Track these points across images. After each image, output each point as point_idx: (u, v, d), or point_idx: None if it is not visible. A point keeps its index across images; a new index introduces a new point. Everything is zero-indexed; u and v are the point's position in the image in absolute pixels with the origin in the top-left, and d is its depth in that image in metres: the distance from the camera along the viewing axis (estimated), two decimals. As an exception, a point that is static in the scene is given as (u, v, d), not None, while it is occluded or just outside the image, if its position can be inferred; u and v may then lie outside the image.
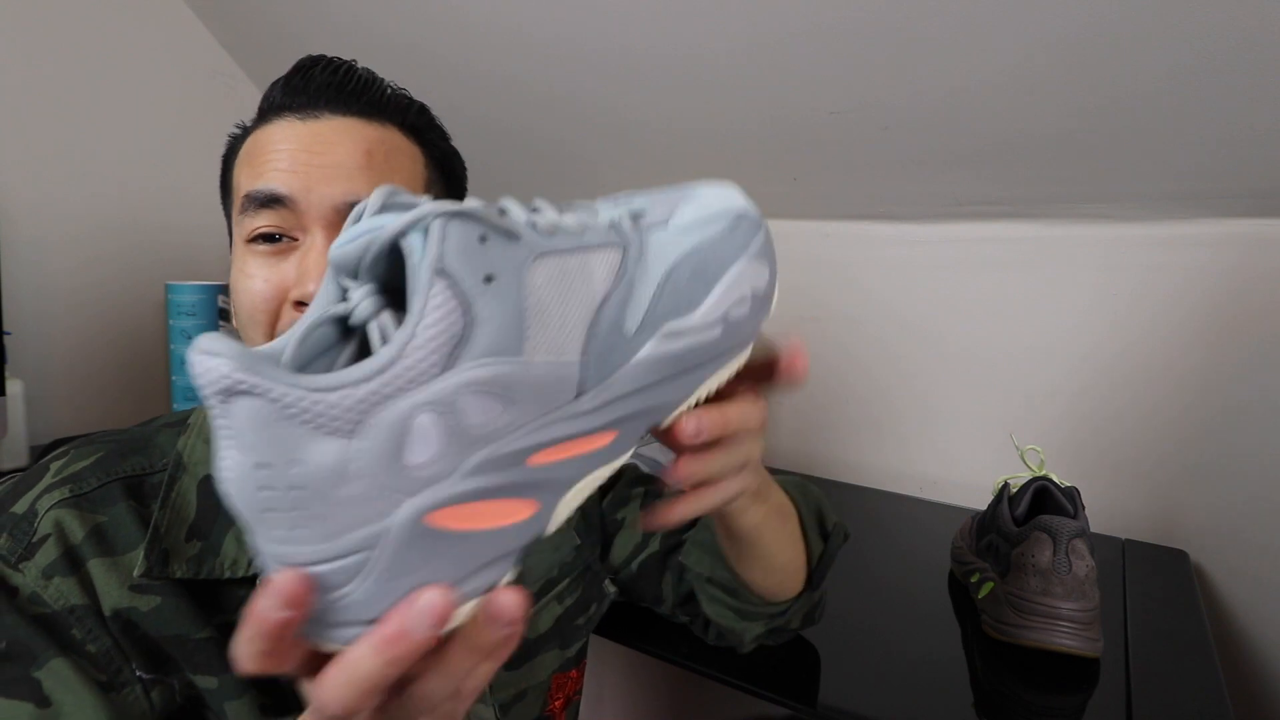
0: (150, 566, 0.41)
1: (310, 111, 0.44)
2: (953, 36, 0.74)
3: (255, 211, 0.42)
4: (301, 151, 0.42)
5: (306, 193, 0.42)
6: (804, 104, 0.89)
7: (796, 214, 1.09)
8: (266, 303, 0.42)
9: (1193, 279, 0.86)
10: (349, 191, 0.42)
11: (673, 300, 0.30)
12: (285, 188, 0.42)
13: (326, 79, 0.44)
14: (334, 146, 0.43)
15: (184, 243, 1.21)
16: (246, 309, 0.43)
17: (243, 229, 0.43)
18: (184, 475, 0.45)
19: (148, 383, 1.17)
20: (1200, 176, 0.80)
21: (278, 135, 0.43)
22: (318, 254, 0.41)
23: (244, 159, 0.45)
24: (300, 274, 0.41)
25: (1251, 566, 0.85)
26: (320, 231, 0.42)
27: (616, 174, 1.16)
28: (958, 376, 1.01)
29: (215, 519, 0.44)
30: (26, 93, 1.01)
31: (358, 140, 0.43)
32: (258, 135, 0.45)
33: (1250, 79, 0.68)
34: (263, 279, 0.42)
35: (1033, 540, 0.61)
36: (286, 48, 1.18)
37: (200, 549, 0.43)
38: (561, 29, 0.92)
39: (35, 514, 0.41)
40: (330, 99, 0.44)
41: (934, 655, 0.62)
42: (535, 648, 0.53)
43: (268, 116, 0.45)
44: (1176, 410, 0.88)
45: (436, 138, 0.49)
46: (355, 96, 0.45)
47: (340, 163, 0.42)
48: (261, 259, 0.43)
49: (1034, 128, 0.81)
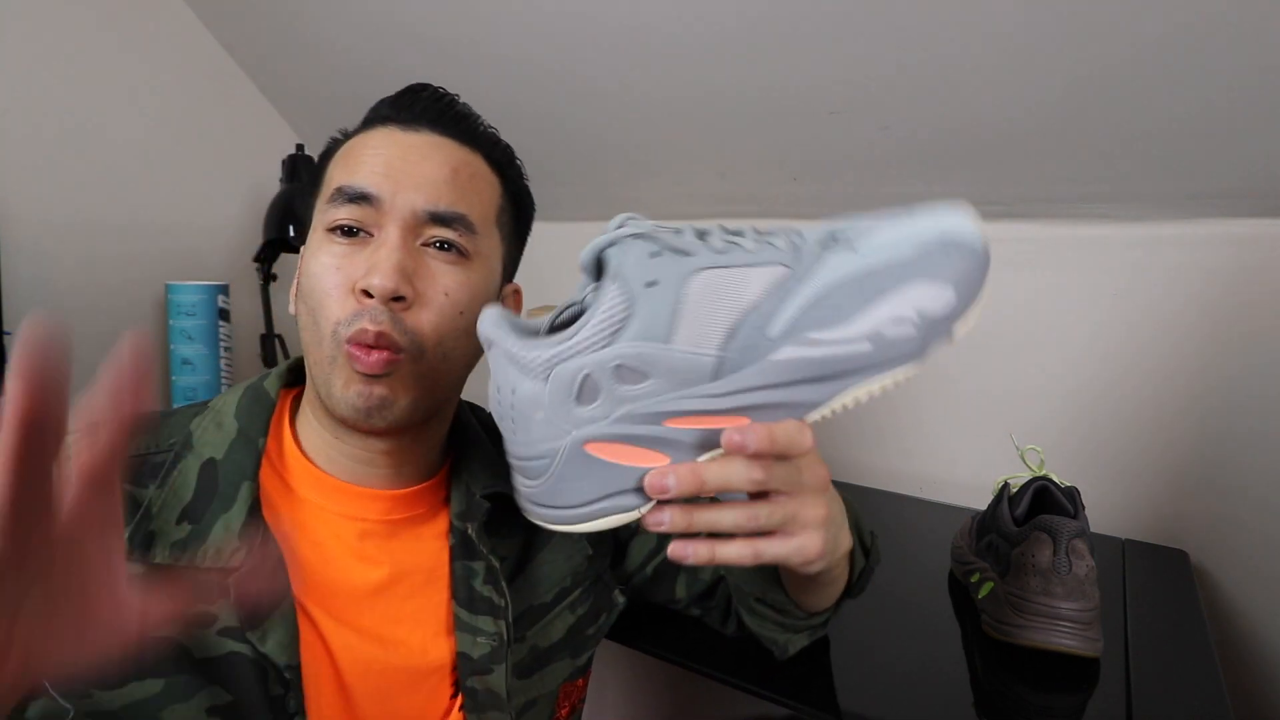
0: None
1: (411, 125, 0.47)
2: (952, 36, 0.74)
3: (342, 204, 0.45)
4: (396, 159, 0.46)
5: (393, 195, 0.45)
6: (804, 104, 0.89)
7: (796, 214, 1.09)
8: (335, 288, 0.44)
9: (1192, 279, 0.86)
10: (430, 200, 0.45)
11: (823, 313, 0.34)
12: (375, 188, 0.45)
13: (431, 102, 0.48)
14: (426, 159, 0.46)
15: (184, 243, 1.21)
16: (317, 291, 0.45)
17: (325, 217, 0.46)
18: (189, 455, 0.46)
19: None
20: (1199, 176, 0.80)
21: (376, 140, 0.47)
22: (389, 250, 0.44)
23: (341, 157, 0.48)
24: (370, 267, 0.44)
25: (1251, 566, 0.85)
26: (396, 231, 0.44)
27: (618, 173, 1.16)
28: (957, 375, 1.01)
29: (210, 503, 0.44)
30: (27, 93, 1.01)
31: (447, 157, 0.47)
32: (358, 139, 0.48)
33: (1251, 79, 0.68)
34: (335, 267, 0.45)
35: (1033, 540, 0.61)
36: (287, 48, 1.19)
37: (189, 533, 0.43)
38: (559, 26, 0.92)
39: None
40: (432, 118, 0.48)
41: (934, 655, 0.62)
42: (547, 656, 0.53)
43: (372, 124, 0.48)
44: (1177, 410, 0.88)
45: (515, 174, 0.53)
46: (454, 123, 0.48)
47: (428, 175, 0.46)
48: (338, 248, 0.45)
49: (1034, 127, 0.81)
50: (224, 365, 1.11)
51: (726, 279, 0.34)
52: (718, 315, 0.34)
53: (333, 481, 0.48)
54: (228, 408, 0.48)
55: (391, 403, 0.44)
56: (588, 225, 1.29)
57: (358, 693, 0.46)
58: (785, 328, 0.34)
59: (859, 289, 0.34)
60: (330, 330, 0.44)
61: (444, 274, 0.45)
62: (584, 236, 1.24)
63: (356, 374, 0.43)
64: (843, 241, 0.35)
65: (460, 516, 0.50)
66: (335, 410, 0.44)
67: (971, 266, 0.34)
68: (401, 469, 0.50)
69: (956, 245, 0.34)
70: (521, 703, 0.50)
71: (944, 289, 0.34)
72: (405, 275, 0.43)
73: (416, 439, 0.50)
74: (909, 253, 0.34)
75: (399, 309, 0.44)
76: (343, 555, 0.47)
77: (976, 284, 0.35)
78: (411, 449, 0.50)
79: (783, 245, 0.35)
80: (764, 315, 0.34)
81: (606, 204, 1.24)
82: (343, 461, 0.48)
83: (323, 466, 0.48)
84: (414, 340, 0.44)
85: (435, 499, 0.52)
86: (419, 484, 0.51)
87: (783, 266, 0.35)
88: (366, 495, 0.49)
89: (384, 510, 0.49)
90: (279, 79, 1.27)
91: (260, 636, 0.41)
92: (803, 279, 0.34)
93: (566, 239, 1.31)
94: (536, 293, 1.31)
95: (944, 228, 0.35)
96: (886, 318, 0.34)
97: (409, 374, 0.45)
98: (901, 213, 0.36)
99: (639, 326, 0.34)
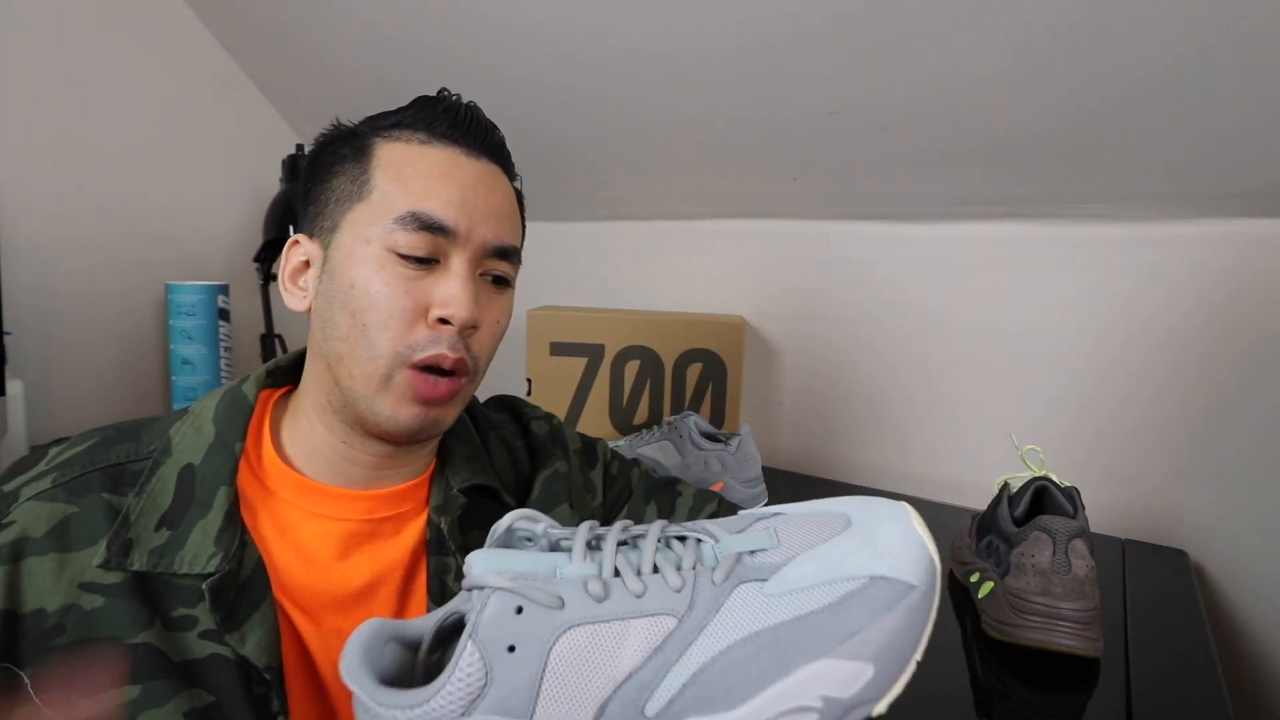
0: (110, 556, 0.42)
1: (474, 151, 0.48)
2: (952, 36, 0.74)
3: (415, 230, 0.45)
4: (470, 189, 0.47)
5: (470, 230, 0.46)
6: (804, 104, 0.89)
7: (796, 214, 1.09)
8: (406, 313, 0.45)
9: (1192, 279, 0.86)
10: (497, 236, 0.47)
11: (709, 691, 0.27)
12: (453, 222, 0.45)
13: (484, 129, 0.49)
14: (494, 192, 0.48)
15: (184, 243, 1.21)
16: (383, 313, 0.44)
17: (391, 238, 0.45)
18: (167, 461, 0.46)
19: (148, 383, 1.17)
20: (1199, 176, 0.80)
21: (445, 163, 0.47)
22: (464, 282, 0.45)
23: (397, 168, 0.46)
24: (446, 296, 0.45)
25: (1251, 566, 0.85)
26: (467, 263, 0.46)
27: (617, 173, 1.16)
28: (957, 376, 1.01)
29: (188, 509, 0.44)
30: (27, 93, 1.01)
31: (505, 191, 0.50)
32: (416, 151, 0.47)
33: (1249, 78, 0.68)
34: (404, 291, 0.45)
35: (1033, 540, 0.61)
36: (287, 49, 1.19)
37: (167, 539, 0.43)
38: (562, 27, 0.92)
39: (16, 498, 0.43)
40: (487, 145, 0.49)
41: (934, 655, 0.62)
42: None
43: (427, 138, 0.47)
44: (1176, 410, 0.88)
45: (520, 189, 0.54)
46: (498, 150, 0.50)
47: (497, 209, 0.48)
48: (408, 271, 0.45)
49: (1034, 127, 0.81)
50: (224, 365, 1.11)
51: (600, 637, 0.28)
52: (587, 689, 0.28)
53: (311, 484, 0.48)
54: (206, 412, 0.48)
55: (442, 421, 0.47)
56: (588, 225, 1.29)
57: (340, 694, 0.46)
58: (661, 709, 0.28)
59: (753, 660, 0.27)
60: (393, 351, 0.44)
61: (497, 303, 0.49)
62: (584, 236, 1.24)
63: (415, 399, 0.45)
64: (760, 564, 0.29)
65: (437, 510, 0.50)
66: (377, 426, 0.45)
67: (903, 623, 0.28)
68: (400, 470, 0.50)
69: (884, 588, 0.27)
70: None
71: (859, 664, 0.27)
72: (479, 306, 0.46)
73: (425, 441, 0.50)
74: (826, 600, 0.28)
75: (469, 336, 0.46)
76: (324, 558, 0.47)
77: (908, 644, 0.28)
78: (417, 450, 0.51)
79: (675, 582, 0.29)
80: (640, 687, 0.28)
81: (607, 204, 1.24)
82: (339, 464, 0.48)
83: (302, 470, 0.48)
84: (476, 364, 0.48)
85: (418, 497, 0.52)
86: (406, 483, 0.51)
87: (670, 617, 0.28)
88: (347, 496, 0.48)
89: (367, 510, 0.49)
90: (279, 79, 1.27)
91: (239, 639, 0.42)
92: (691, 636, 0.28)
93: (567, 238, 1.32)
94: (536, 292, 1.31)
95: (873, 564, 0.28)
96: (782, 708, 0.27)
97: (462, 396, 0.48)
98: (836, 520, 0.30)
99: (499, 698, 0.28)
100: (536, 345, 1.07)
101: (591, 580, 0.29)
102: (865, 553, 0.28)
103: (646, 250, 1.24)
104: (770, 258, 1.12)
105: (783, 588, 0.28)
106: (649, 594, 0.29)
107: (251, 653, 0.42)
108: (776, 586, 0.28)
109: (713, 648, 0.28)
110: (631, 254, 1.26)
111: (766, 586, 0.29)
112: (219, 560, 0.43)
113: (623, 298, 1.27)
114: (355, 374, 0.45)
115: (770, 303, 1.13)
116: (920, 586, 0.27)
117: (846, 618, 0.27)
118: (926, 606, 0.27)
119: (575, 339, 1.05)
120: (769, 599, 0.28)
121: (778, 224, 1.11)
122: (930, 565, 0.28)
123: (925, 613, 0.27)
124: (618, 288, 1.27)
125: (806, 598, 0.28)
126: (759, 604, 0.28)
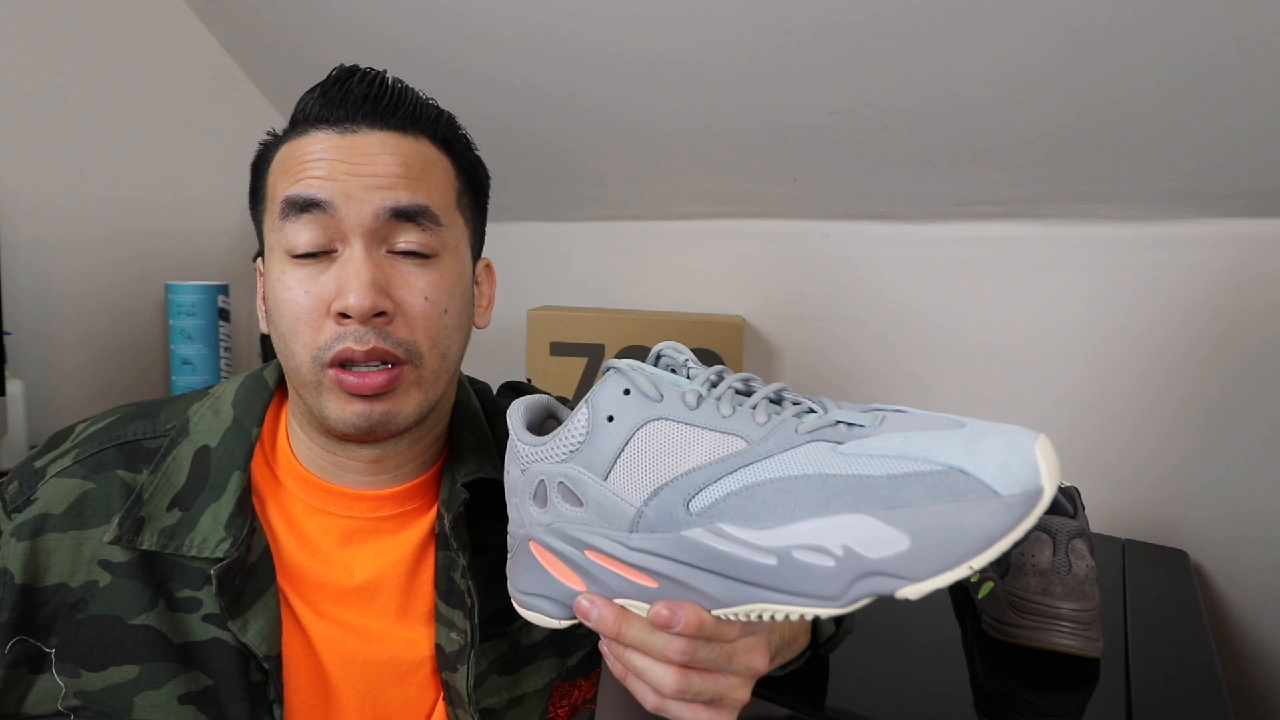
0: (121, 534, 0.42)
1: (348, 125, 0.44)
2: (953, 37, 0.74)
3: (295, 216, 0.42)
4: (340, 162, 0.43)
5: (346, 200, 0.42)
6: (804, 104, 0.89)
7: (796, 214, 1.09)
8: (309, 313, 0.42)
9: (1193, 279, 0.86)
10: (392, 198, 0.43)
11: (746, 506, 0.31)
12: (325, 194, 0.42)
13: (363, 91, 0.45)
14: (372, 159, 0.43)
15: (184, 243, 1.21)
16: (289, 320, 0.43)
17: (283, 238, 0.43)
18: (184, 441, 0.46)
19: (148, 383, 1.17)
20: (1200, 176, 0.80)
21: (315, 146, 0.43)
22: (357, 265, 0.41)
23: (279, 167, 0.45)
24: (340, 286, 0.42)
25: (1251, 566, 0.85)
26: (359, 241, 0.42)
27: (618, 173, 1.16)
28: (957, 376, 1.01)
29: (201, 491, 0.44)
30: (27, 93, 1.02)
31: (394, 153, 0.44)
32: (293, 145, 0.45)
33: (1250, 79, 0.68)
34: (303, 291, 0.42)
35: (1033, 540, 0.61)
36: (287, 49, 1.19)
37: (178, 520, 0.43)
38: (561, 29, 0.92)
39: (43, 474, 0.44)
40: (367, 112, 0.44)
41: (934, 655, 0.62)
42: (531, 653, 0.52)
43: (303, 128, 0.45)
44: (1176, 410, 0.88)
45: (463, 148, 0.49)
46: (391, 110, 0.45)
47: (378, 173, 0.43)
48: (303, 271, 0.43)
49: (1033, 128, 0.81)
50: (224, 365, 1.11)
51: (676, 436, 0.33)
52: (651, 470, 0.33)
53: (316, 480, 0.48)
54: (227, 395, 0.48)
55: (395, 415, 0.44)
56: (588, 225, 1.29)
57: (341, 686, 0.46)
58: (704, 507, 0.32)
59: (797, 493, 0.29)
60: (309, 356, 0.42)
61: (418, 278, 0.44)
62: (585, 236, 1.24)
63: (352, 395, 0.42)
64: (840, 435, 0.30)
65: (445, 505, 0.49)
66: (335, 429, 0.44)
67: (965, 519, 0.25)
68: (397, 472, 0.49)
69: (961, 483, 0.26)
70: (506, 699, 0.50)
71: (896, 534, 0.26)
72: (380, 289, 0.42)
73: (413, 441, 0.49)
74: (892, 471, 0.27)
75: (381, 324, 0.42)
76: (329, 551, 0.47)
77: (964, 541, 0.25)
78: (407, 451, 0.49)
79: (761, 418, 0.32)
80: (692, 485, 0.32)
81: (608, 204, 1.24)
82: (333, 471, 0.48)
83: (309, 468, 0.48)
84: (410, 349, 0.43)
85: (430, 492, 0.51)
86: (410, 481, 0.50)
87: (742, 440, 0.32)
88: (350, 495, 0.48)
89: (371, 509, 0.48)
90: (279, 79, 1.27)
91: (241, 626, 0.42)
92: (752, 459, 0.31)
93: (567, 239, 1.31)
94: (537, 292, 1.31)
95: (959, 461, 0.26)
96: (802, 541, 0.29)
97: (411, 383, 0.44)
98: (951, 422, 0.29)
99: (588, 455, 0.35)
100: (536, 345, 1.07)
101: (689, 392, 0.34)
102: (957, 449, 0.27)
103: (647, 250, 1.24)
104: (770, 258, 1.12)
105: (858, 451, 0.29)
106: (733, 419, 0.33)
107: (252, 640, 0.42)
108: (852, 449, 0.29)
109: (768, 473, 0.30)
110: (632, 254, 1.26)
111: (842, 447, 0.29)
112: (228, 545, 0.43)
113: (623, 298, 1.27)
114: (296, 384, 0.45)
115: (770, 303, 1.13)
116: (1005, 497, 0.25)
117: (905, 491, 0.27)
118: (1007, 520, 0.25)
119: (575, 339, 1.05)
120: (839, 455, 0.29)
121: (777, 224, 1.11)
122: (1033, 487, 0.25)
123: (1002, 524, 0.25)
124: (618, 288, 1.27)
125: (875, 464, 0.28)
126: (827, 456, 0.29)
